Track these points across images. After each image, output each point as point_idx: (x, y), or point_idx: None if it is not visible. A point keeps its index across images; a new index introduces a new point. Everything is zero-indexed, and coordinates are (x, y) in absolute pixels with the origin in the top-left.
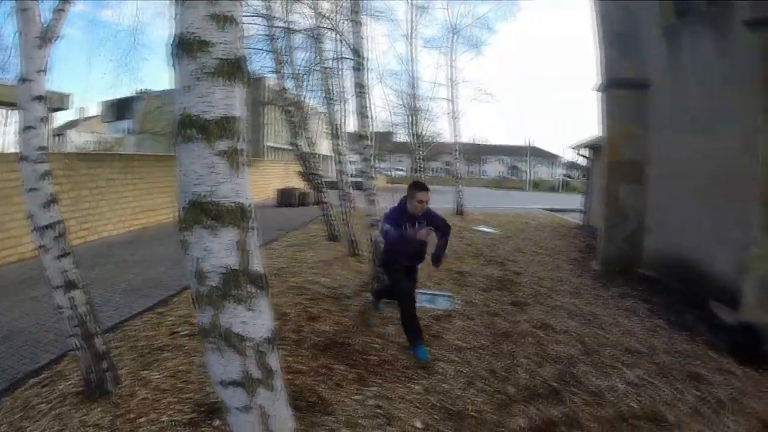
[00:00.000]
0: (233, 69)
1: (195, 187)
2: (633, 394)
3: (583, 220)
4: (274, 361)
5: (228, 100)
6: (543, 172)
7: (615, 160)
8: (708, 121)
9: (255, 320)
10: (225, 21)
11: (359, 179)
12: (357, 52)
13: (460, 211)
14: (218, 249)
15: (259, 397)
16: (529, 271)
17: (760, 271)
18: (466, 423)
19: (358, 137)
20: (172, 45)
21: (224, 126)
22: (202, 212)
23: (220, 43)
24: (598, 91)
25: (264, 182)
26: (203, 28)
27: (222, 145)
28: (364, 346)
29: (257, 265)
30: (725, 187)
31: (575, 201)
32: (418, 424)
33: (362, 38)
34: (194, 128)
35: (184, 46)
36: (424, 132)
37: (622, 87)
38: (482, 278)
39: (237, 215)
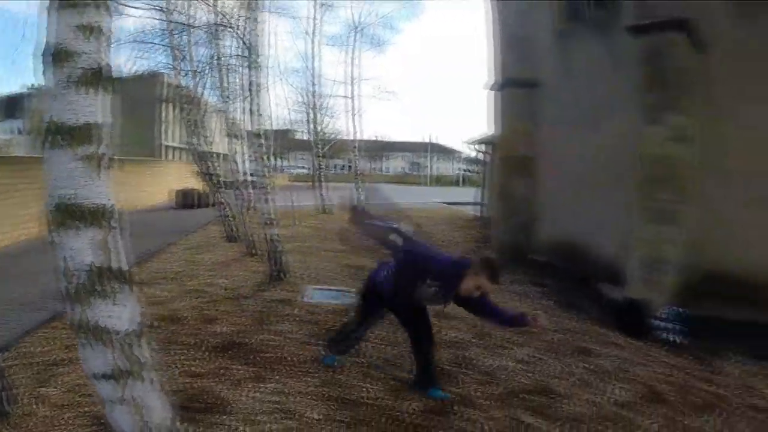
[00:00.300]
0: (96, 78)
1: (60, 190)
2: (523, 371)
3: (480, 212)
4: (142, 352)
5: (91, 108)
6: (444, 167)
7: (508, 155)
8: (595, 118)
9: (120, 314)
10: (92, 31)
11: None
12: (252, 50)
13: None
14: (83, 248)
15: (131, 389)
16: None
17: (641, 253)
18: (362, 410)
19: (253, 136)
20: (44, 54)
21: (87, 132)
22: (68, 214)
23: (85, 53)
24: (492, 89)
25: (161, 183)
26: (70, 39)
27: (85, 150)
28: (261, 344)
29: (121, 261)
30: (611, 177)
31: (474, 194)
32: (316, 416)
33: (259, 36)
34: (60, 134)
35: (54, 56)
36: (325, 129)
37: (516, 86)
38: None
39: (99, 216)
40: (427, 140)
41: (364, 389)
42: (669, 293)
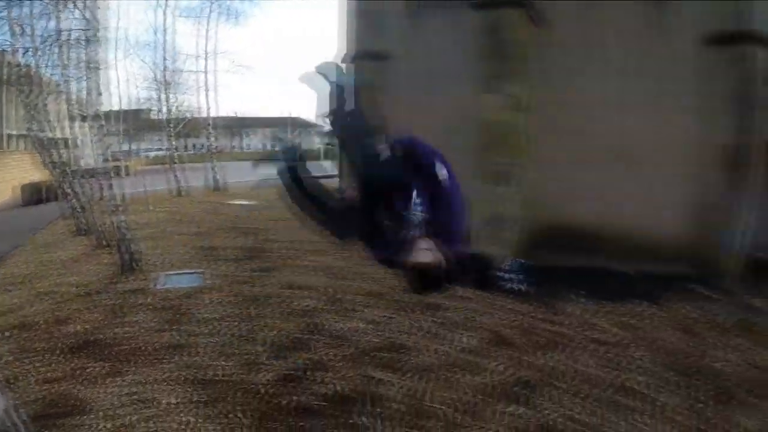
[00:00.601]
0: None
1: None
2: (373, 331)
3: (339, 184)
4: None
5: None
6: (307, 141)
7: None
8: (442, 88)
9: None
10: None
11: (116, 164)
12: (91, 23)
13: (217, 187)
14: None
15: None
16: (281, 237)
17: (484, 213)
18: (217, 388)
19: (94, 117)
20: None
21: None
22: None
23: None
24: (344, 62)
25: (3, 179)
26: None
27: None
28: (116, 338)
29: None
30: (456, 143)
31: (332, 167)
32: (174, 401)
33: (99, 8)
34: None
35: None
36: (179, 107)
37: (368, 59)
38: (234, 250)
39: None
40: (287, 115)
41: (219, 367)
42: (511, 247)
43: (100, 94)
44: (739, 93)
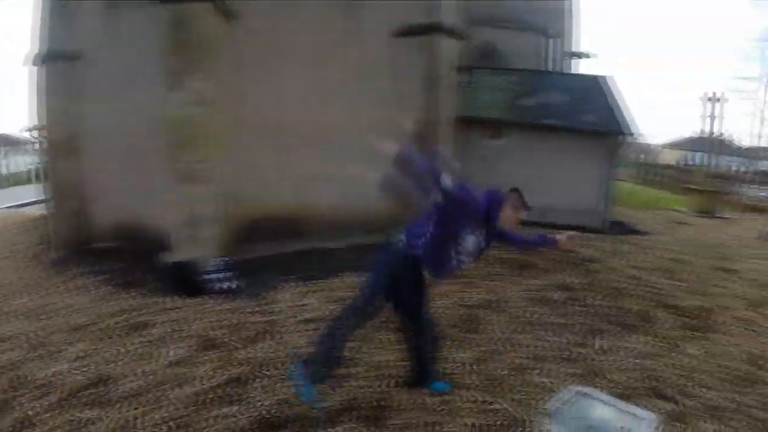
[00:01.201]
0: None
1: None
2: (79, 369)
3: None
4: None
5: None
6: (18, 162)
7: (53, 136)
8: (134, 88)
9: None
10: None
11: None
12: None
13: None
14: None
15: None
16: None
17: (178, 215)
18: None
19: None
20: None
21: None
22: None
23: None
24: (34, 64)
25: None
26: None
27: None
28: None
29: None
30: (149, 146)
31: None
32: None
33: None
34: None
35: None
36: None
37: (58, 59)
38: None
39: None
40: None
41: None
42: (212, 246)
43: None
44: (428, 77)
